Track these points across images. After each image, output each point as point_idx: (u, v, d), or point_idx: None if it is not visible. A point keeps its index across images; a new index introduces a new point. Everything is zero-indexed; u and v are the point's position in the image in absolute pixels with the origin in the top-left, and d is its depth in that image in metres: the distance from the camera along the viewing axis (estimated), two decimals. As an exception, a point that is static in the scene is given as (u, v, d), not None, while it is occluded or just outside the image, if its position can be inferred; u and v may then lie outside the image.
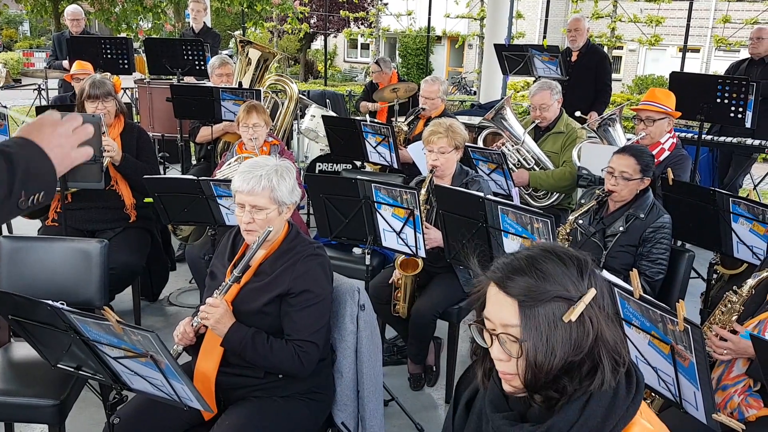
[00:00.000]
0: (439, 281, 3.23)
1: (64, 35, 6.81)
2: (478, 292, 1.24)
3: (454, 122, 3.32)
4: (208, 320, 2.10)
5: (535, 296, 1.14)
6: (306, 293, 2.14)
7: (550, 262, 1.18)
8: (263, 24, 13.88)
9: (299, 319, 2.14)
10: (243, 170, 2.18)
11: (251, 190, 2.13)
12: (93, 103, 3.60)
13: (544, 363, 1.13)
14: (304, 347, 2.12)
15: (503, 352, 1.17)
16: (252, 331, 2.12)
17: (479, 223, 2.73)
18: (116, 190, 3.72)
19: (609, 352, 1.16)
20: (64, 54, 6.58)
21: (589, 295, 1.15)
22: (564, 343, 1.14)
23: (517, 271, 1.18)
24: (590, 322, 1.15)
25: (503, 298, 1.17)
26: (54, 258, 2.77)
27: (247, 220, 2.15)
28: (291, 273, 2.15)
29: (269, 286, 2.15)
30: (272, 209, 2.15)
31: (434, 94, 4.65)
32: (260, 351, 2.09)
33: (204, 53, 5.54)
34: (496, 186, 3.93)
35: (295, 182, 2.24)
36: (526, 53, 5.73)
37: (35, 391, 2.34)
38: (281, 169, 2.19)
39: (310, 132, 5.64)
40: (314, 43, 24.24)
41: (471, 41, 20.50)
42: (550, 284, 1.15)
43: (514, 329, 1.15)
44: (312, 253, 2.21)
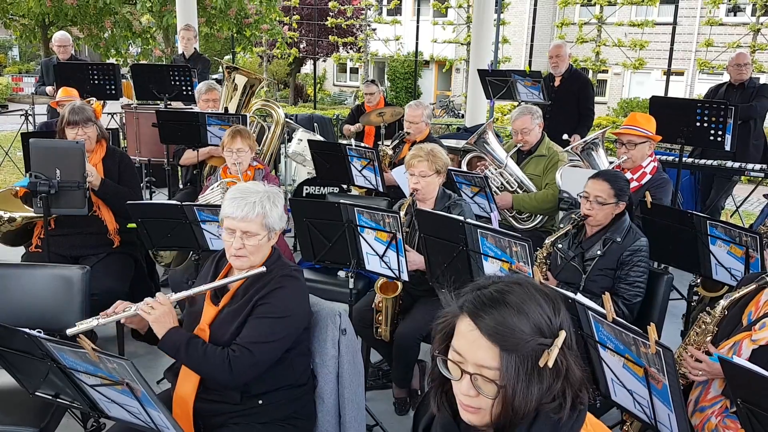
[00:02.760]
0: (421, 304, 3.24)
1: (52, 61, 6.85)
2: (445, 320, 1.23)
3: (436, 147, 3.36)
4: (149, 315, 2.07)
5: (515, 341, 1.13)
6: (266, 305, 2.12)
7: (523, 297, 1.17)
8: (252, 49, 14.01)
9: (250, 327, 2.11)
10: (234, 196, 2.16)
11: (245, 217, 2.12)
12: (73, 130, 3.61)
13: (521, 407, 1.14)
14: (238, 352, 2.06)
15: (473, 389, 1.16)
16: (188, 336, 2.10)
17: (460, 247, 2.75)
18: (99, 216, 3.72)
19: (573, 391, 1.18)
20: (51, 79, 6.61)
21: (561, 337, 1.16)
22: (540, 388, 1.14)
23: (491, 305, 1.16)
24: (561, 365, 1.16)
25: (479, 337, 1.15)
26: (35, 284, 2.76)
27: (237, 245, 2.14)
28: (262, 291, 2.15)
29: (242, 308, 2.15)
30: (263, 235, 2.16)
31: (418, 118, 4.71)
32: (193, 356, 2.06)
33: (191, 78, 5.59)
34: (479, 209, 3.96)
35: (283, 209, 2.25)
36: (509, 78, 5.81)
37: (15, 419, 2.32)
38: (272, 195, 2.20)
39: (297, 156, 5.67)
40: (304, 68, 24.46)
41: (458, 65, 20.77)
42: (526, 323, 1.15)
43: (492, 372, 1.14)
44: (286, 274, 2.20)
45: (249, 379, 2.10)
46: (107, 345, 4.08)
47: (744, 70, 5.73)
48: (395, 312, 3.22)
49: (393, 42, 19.06)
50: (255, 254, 2.17)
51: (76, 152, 3.37)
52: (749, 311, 2.20)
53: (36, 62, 21.75)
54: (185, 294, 2.18)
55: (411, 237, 3.30)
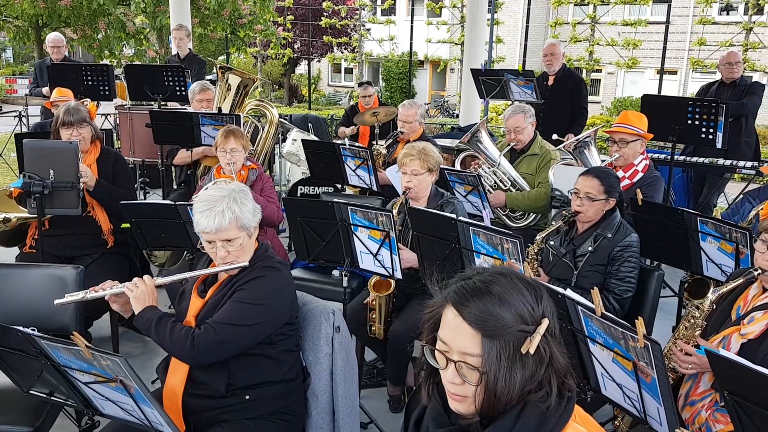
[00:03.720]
0: (415, 302, 3.26)
1: (46, 62, 6.84)
2: (432, 311, 1.26)
3: (428, 145, 3.38)
4: (132, 292, 2.16)
5: (497, 327, 1.16)
6: (242, 291, 2.14)
7: (506, 287, 1.20)
8: (247, 50, 14.00)
9: (222, 309, 2.13)
10: (201, 209, 2.15)
11: (219, 227, 2.13)
12: (68, 130, 3.62)
13: (503, 394, 1.16)
14: (203, 329, 2.08)
15: (458, 377, 1.19)
16: (161, 314, 2.16)
17: (452, 244, 2.77)
18: (93, 216, 3.72)
19: (558, 377, 1.21)
20: (45, 81, 6.60)
21: (543, 325, 1.18)
22: (523, 374, 1.17)
23: (474, 295, 1.19)
24: (544, 352, 1.19)
25: (462, 325, 1.18)
26: (29, 284, 2.77)
27: (222, 254, 2.17)
28: (243, 279, 2.17)
29: (223, 296, 2.18)
30: (242, 236, 2.18)
31: (411, 117, 4.73)
32: (161, 332, 2.10)
33: (185, 79, 5.59)
34: (472, 207, 3.98)
35: (253, 201, 2.26)
36: (502, 77, 5.83)
37: (10, 419, 2.32)
38: (237, 195, 2.20)
39: (292, 156, 5.68)
40: (298, 68, 24.45)
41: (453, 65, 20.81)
42: (508, 311, 1.17)
43: (474, 359, 1.17)
44: (268, 265, 2.22)
45: (211, 358, 2.10)
46: (102, 345, 4.08)
47: (735, 69, 5.77)
48: (388, 310, 3.23)
49: (387, 42, 19.09)
50: (242, 255, 2.20)
51: (70, 153, 3.38)
52: (738, 306, 2.23)
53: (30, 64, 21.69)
54: (167, 279, 2.24)
55: (404, 235, 3.32)
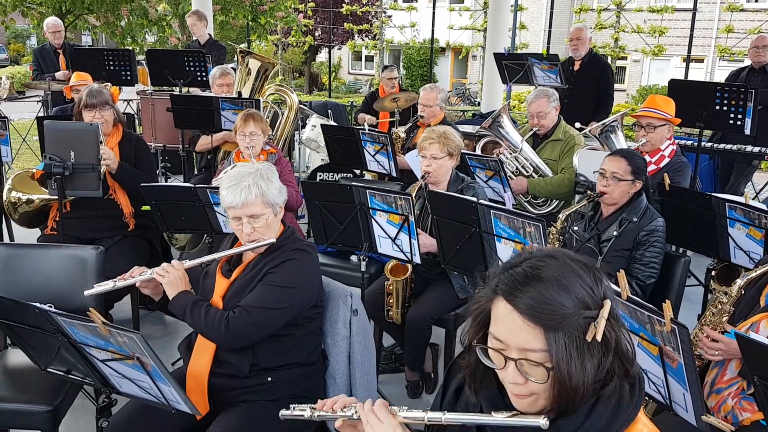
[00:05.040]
0: (433, 288, 3.23)
1: (46, 48, 6.90)
2: (479, 306, 1.16)
3: (449, 129, 3.33)
4: (164, 278, 2.16)
5: (558, 317, 1.06)
6: (274, 274, 2.15)
7: (560, 269, 1.10)
8: (267, 37, 13.99)
9: (254, 292, 2.14)
10: (228, 184, 2.17)
11: (245, 202, 2.13)
12: (90, 112, 3.62)
13: (579, 387, 1.07)
14: (237, 313, 2.09)
15: (520, 376, 1.10)
16: (196, 298, 2.17)
17: (473, 228, 2.72)
18: (114, 199, 3.74)
19: (623, 363, 1.12)
20: (49, 67, 6.66)
21: (606, 307, 1.09)
22: (592, 363, 1.08)
23: (526, 283, 1.09)
24: (610, 336, 1.10)
25: (518, 318, 1.08)
26: (49, 265, 2.78)
27: (248, 231, 2.17)
28: (273, 261, 2.17)
29: (253, 278, 2.18)
30: (268, 213, 2.18)
31: (432, 101, 4.66)
32: (196, 316, 2.12)
33: (205, 64, 5.59)
34: (493, 193, 3.93)
35: (279, 181, 2.26)
36: (526, 62, 5.74)
37: (29, 398, 2.34)
38: (264, 172, 2.21)
39: (311, 142, 5.66)
40: (319, 56, 24.42)
41: (475, 52, 20.61)
42: (567, 296, 1.08)
43: (537, 354, 1.07)
44: (297, 247, 2.22)
45: (245, 341, 2.11)
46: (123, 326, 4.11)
47: (762, 53, 5.62)
48: (406, 294, 3.20)
49: (408, 29, 18.94)
50: (267, 233, 2.19)
51: (91, 134, 3.38)
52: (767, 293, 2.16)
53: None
54: (197, 261, 2.23)
55: (423, 220, 3.28)
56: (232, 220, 2.19)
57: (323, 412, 1.38)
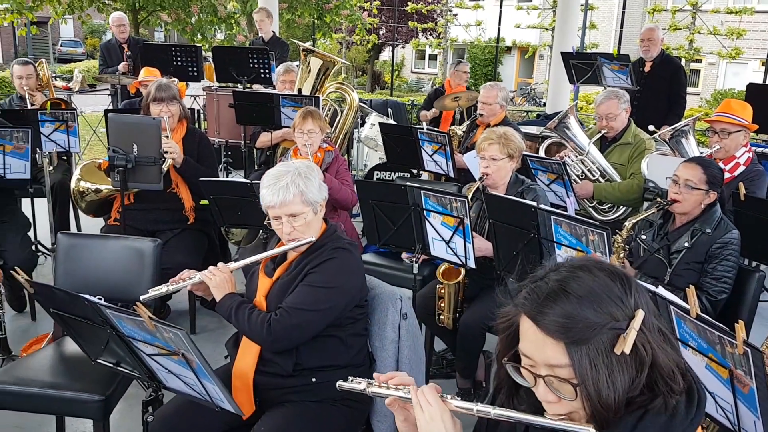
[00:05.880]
0: (488, 293, 3.13)
1: (111, 42, 7.10)
2: (506, 321, 1.12)
3: (510, 130, 3.22)
4: (211, 280, 2.18)
5: (581, 330, 1.01)
6: (315, 274, 2.12)
7: (587, 283, 1.04)
8: (332, 35, 14.08)
9: (295, 293, 2.12)
10: (267, 183, 2.16)
11: (283, 201, 2.11)
12: (158, 106, 3.70)
13: (611, 402, 1.02)
14: (279, 315, 2.07)
15: (551, 393, 1.05)
16: (240, 301, 2.17)
17: (531, 234, 2.62)
18: (176, 193, 3.81)
19: (664, 379, 1.04)
20: (114, 61, 6.85)
21: (638, 318, 1.02)
22: (623, 378, 1.02)
23: (550, 299, 1.04)
24: (644, 350, 1.03)
25: (541, 335, 1.04)
26: (108, 256, 2.83)
27: (288, 230, 2.14)
28: (314, 261, 2.14)
29: (294, 277, 2.15)
30: (308, 212, 2.15)
31: (492, 99, 4.54)
32: (240, 318, 2.12)
33: (269, 61, 5.64)
34: (555, 197, 3.79)
35: (319, 179, 2.23)
36: (595, 62, 5.53)
37: (82, 386, 2.38)
38: (303, 170, 2.18)
39: (370, 140, 5.63)
40: (382, 54, 24.47)
41: (542, 52, 20.20)
42: (593, 311, 1.02)
43: (563, 370, 1.03)
44: (339, 246, 2.18)
45: (287, 344, 2.10)
46: (180, 318, 4.19)
47: None
48: (458, 299, 3.12)
49: (474, 27, 18.71)
50: (307, 232, 2.16)
51: (153, 128, 3.44)
52: None
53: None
54: (241, 263, 2.26)
55: (479, 223, 3.18)
56: (273, 220, 2.18)
57: (378, 389, 1.39)
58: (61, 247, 2.82)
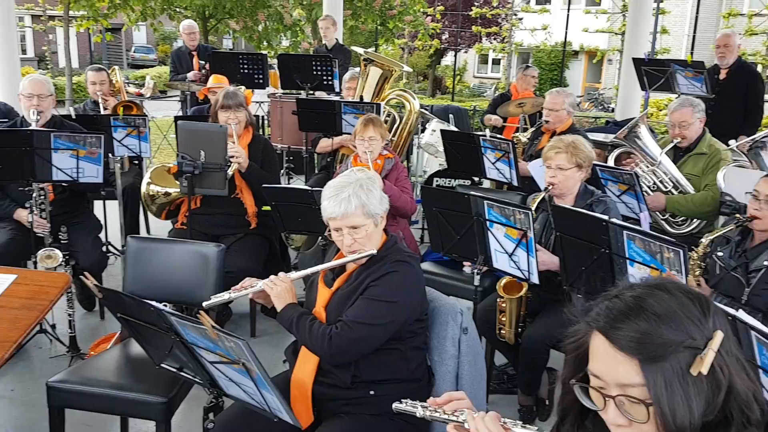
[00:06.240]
0: (553, 308, 3.02)
1: (182, 50, 7.28)
2: (576, 341, 1.07)
3: (579, 139, 3.11)
4: (272, 290, 2.19)
5: (657, 348, 0.96)
6: (376, 287, 2.09)
7: (664, 301, 1.00)
8: (395, 41, 14.12)
9: (356, 306, 2.09)
10: (329, 195, 2.15)
11: (344, 213, 2.10)
12: (225, 113, 3.79)
13: (686, 425, 0.96)
14: (340, 328, 2.05)
15: (621, 416, 1.00)
16: (301, 311, 2.17)
17: (602, 249, 2.50)
18: (240, 198, 3.87)
19: (740, 407, 0.98)
20: (184, 68, 7.04)
21: (716, 339, 0.97)
22: (698, 401, 0.96)
23: (625, 315, 1.00)
24: (721, 373, 0.97)
25: (614, 352, 0.99)
26: (175, 259, 2.89)
27: (348, 242, 2.13)
28: (375, 273, 2.11)
29: (354, 289, 2.13)
30: (369, 224, 2.13)
31: (558, 105, 4.41)
32: (301, 329, 2.11)
33: (332, 68, 5.69)
34: (626, 209, 3.64)
35: (381, 191, 2.21)
36: (668, 68, 5.32)
37: (146, 388, 2.42)
38: (365, 182, 2.16)
39: (430, 147, 5.58)
40: (444, 59, 24.36)
41: (611, 56, 19.65)
42: (670, 329, 0.97)
43: (636, 389, 0.98)
44: (400, 259, 2.15)
45: (347, 357, 2.08)
46: (241, 321, 4.25)
47: None
48: (520, 313, 3.02)
49: (540, 31, 18.37)
50: (368, 244, 2.14)
51: (220, 136, 3.51)
52: None
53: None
54: (301, 274, 2.26)
55: (545, 236, 3.09)
56: (333, 231, 2.16)
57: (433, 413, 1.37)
58: (131, 250, 2.90)
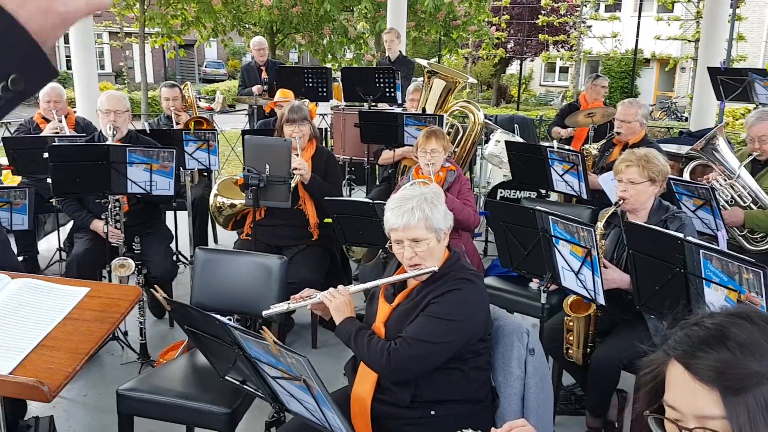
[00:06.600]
0: (624, 328, 2.89)
1: (251, 65, 7.47)
2: (652, 371, 1.01)
3: (652, 152, 2.98)
4: (330, 303, 2.17)
5: (739, 379, 0.90)
6: (437, 305, 2.04)
7: (748, 331, 0.93)
8: (458, 51, 14.06)
9: (416, 323, 2.05)
10: (392, 206, 2.13)
11: (407, 225, 2.07)
12: (290, 126, 3.85)
13: None
14: (399, 345, 2.01)
15: None
16: (360, 326, 2.15)
17: (676, 268, 2.38)
18: (303, 210, 3.91)
19: None
20: (251, 81, 7.21)
21: None
22: None
23: (706, 344, 0.94)
24: None
25: (693, 382, 0.94)
26: (239, 271, 2.94)
27: (409, 255, 2.10)
28: (437, 290, 2.08)
29: (415, 305, 2.10)
30: (431, 238, 2.09)
31: (631, 117, 4.26)
32: (359, 344, 2.09)
33: (395, 80, 5.69)
34: (702, 225, 3.46)
35: (445, 206, 2.17)
36: (745, 78, 5.07)
37: (211, 398, 2.45)
38: (430, 196, 2.13)
39: (494, 157, 5.50)
40: (509, 68, 24.07)
41: (684, 64, 18.95)
42: (754, 360, 0.91)
43: (716, 422, 0.92)
44: (463, 276, 2.10)
45: (406, 375, 2.05)
46: (303, 331, 4.28)
47: None
48: (588, 333, 2.91)
49: (609, 39, 17.91)
50: (429, 259, 2.10)
51: (284, 149, 3.58)
52: None
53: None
54: (360, 287, 2.25)
55: (617, 251, 2.97)
56: (394, 244, 2.14)
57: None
58: (198, 261, 2.97)
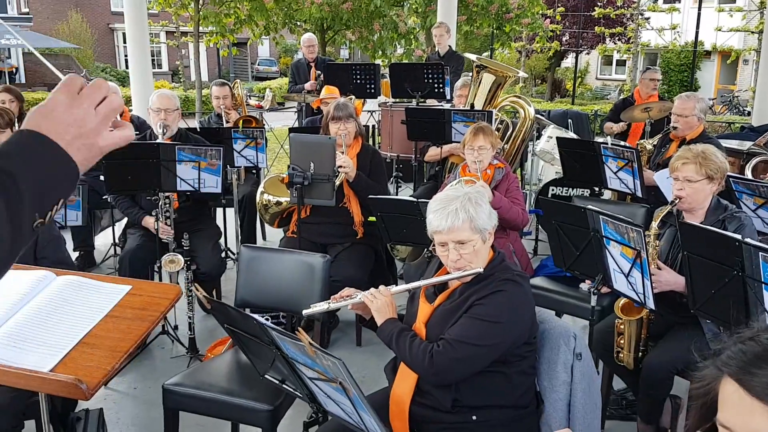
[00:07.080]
0: (679, 332, 2.77)
1: (301, 62, 7.50)
2: (703, 387, 0.95)
3: (709, 148, 2.83)
4: (372, 303, 2.13)
5: None
6: (481, 306, 1.99)
7: None
8: (511, 44, 13.82)
9: (460, 325, 2.00)
10: (435, 208, 2.08)
11: (451, 227, 2.02)
12: (336, 124, 3.85)
13: None
14: (441, 347, 1.96)
15: None
16: (402, 327, 2.11)
17: (734, 272, 2.25)
18: (348, 207, 3.91)
19: None
20: (301, 79, 7.24)
21: None
22: None
23: (763, 360, 0.88)
24: None
25: (749, 400, 0.88)
26: (283, 268, 2.96)
27: (454, 257, 2.05)
28: (481, 291, 2.02)
29: (458, 307, 2.05)
30: (476, 239, 2.04)
31: (688, 111, 4.07)
32: (401, 345, 2.05)
33: (443, 76, 5.63)
34: (763, 225, 3.28)
35: (489, 205, 2.11)
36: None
37: (254, 395, 2.47)
38: (473, 196, 2.08)
39: (546, 154, 5.37)
40: (564, 61, 23.55)
41: (746, 56, 18.15)
42: None
43: None
44: (507, 278, 2.04)
45: (449, 377, 1.99)
46: (347, 329, 4.28)
47: None
48: (640, 336, 2.79)
49: (668, 31, 17.30)
50: (474, 260, 2.04)
51: (329, 148, 3.57)
52: None
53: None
54: (402, 288, 2.21)
55: (672, 252, 2.84)
56: (438, 246, 2.09)
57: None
58: (243, 258, 3.00)
